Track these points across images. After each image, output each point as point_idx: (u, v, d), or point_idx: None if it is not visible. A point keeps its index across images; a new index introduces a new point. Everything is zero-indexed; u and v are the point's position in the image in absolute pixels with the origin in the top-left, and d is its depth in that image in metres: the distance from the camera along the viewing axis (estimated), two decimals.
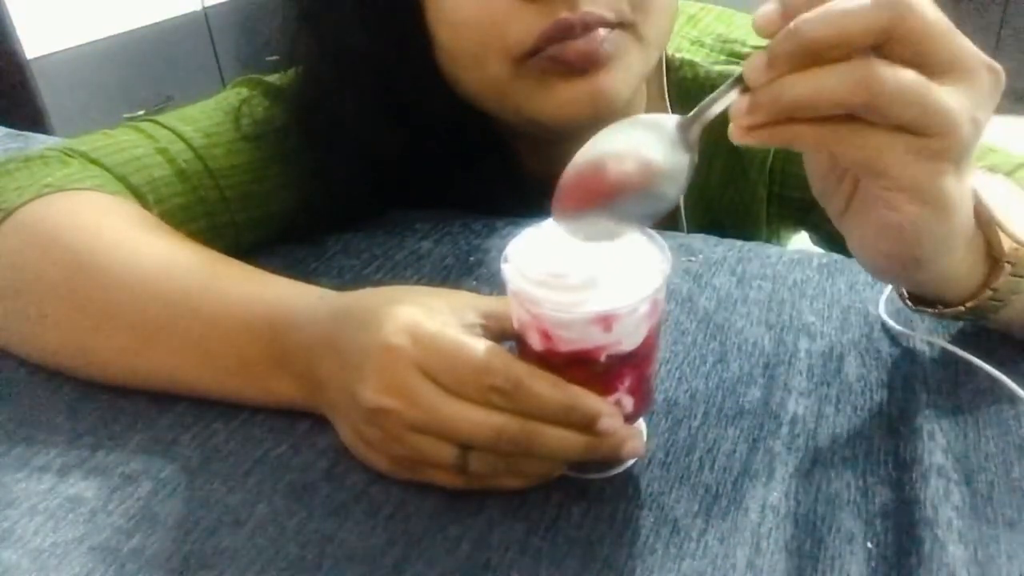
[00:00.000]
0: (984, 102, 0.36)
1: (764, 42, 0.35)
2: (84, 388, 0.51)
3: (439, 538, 0.40)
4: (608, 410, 0.39)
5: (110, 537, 0.41)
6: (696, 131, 0.37)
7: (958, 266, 0.44)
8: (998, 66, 0.36)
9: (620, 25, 0.56)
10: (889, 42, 0.33)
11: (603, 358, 0.39)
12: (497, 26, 0.55)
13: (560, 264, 0.38)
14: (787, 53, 0.34)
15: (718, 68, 0.70)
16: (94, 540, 0.41)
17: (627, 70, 0.58)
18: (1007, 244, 0.43)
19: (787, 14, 0.33)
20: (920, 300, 0.48)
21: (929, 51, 0.34)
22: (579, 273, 0.38)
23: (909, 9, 0.33)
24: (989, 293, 0.45)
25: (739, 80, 0.35)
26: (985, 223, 0.43)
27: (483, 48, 0.57)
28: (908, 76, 0.33)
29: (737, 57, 0.71)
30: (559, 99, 0.57)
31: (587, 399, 0.39)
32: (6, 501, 0.43)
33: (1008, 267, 0.44)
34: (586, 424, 0.39)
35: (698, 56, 0.71)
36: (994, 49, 3.19)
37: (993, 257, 0.44)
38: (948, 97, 0.34)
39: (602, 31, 0.55)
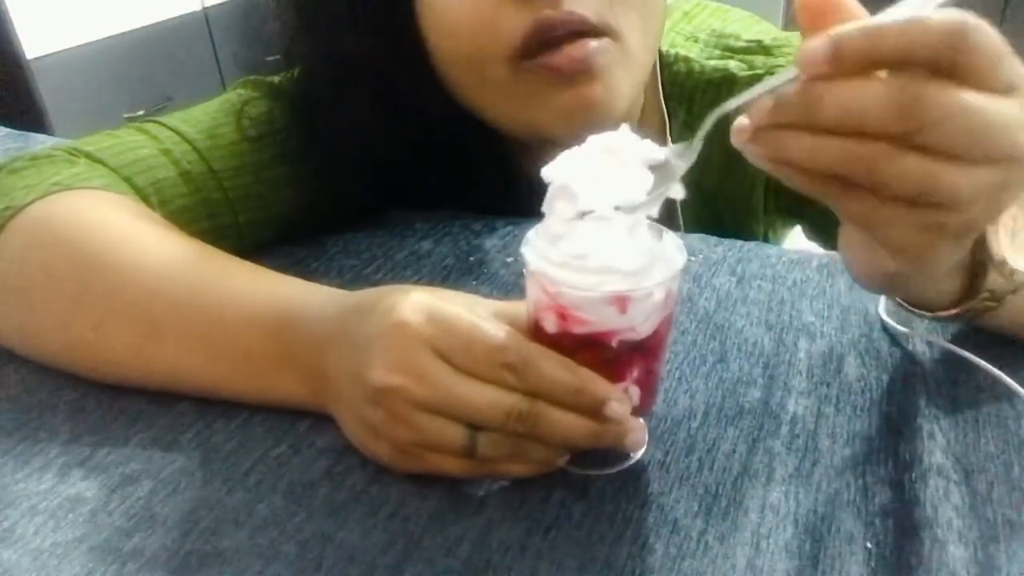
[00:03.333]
0: (1021, 176, 0.33)
1: (759, 36, 0.34)
2: (84, 388, 0.51)
3: (439, 538, 0.40)
4: (617, 395, 0.40)
5: (110, 537, 0.41)
6: (692, 157, 0.38)
7: (931, 285, 0.45)
8: None
9: (606, 34, 0.56)
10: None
11: (614, 343, 0.40)
12: (486, 27, 0.56)
13: (580, 247, 0.39)
14: (791, 119, 0.33)
15: (712, 63, 0.70)
16: (94, 540, 0.41)
17: (619, 82, 0.59)
18: (994, 278, 0.43)
19: (837, 52, 0.31)
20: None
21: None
22: (599, 256, 0.39)
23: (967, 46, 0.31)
24: (960, 311, 0.45)
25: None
26: (982, 251, 0.43)
27: (477, 50, 0.57)
28: (913, 162, 0.32)
29: (732, 51, 0.71)
30: (554, 108, 0.58)
31: (597, 382, 0.40)
32: (6, 501, 0.43)
33: (986, 294, 0.44)
34: (594, 408, 0.39)
35: (692, 52, 0.72)
36: None
37: (973, 281, 0.44)
38: (963, 176, 0.32)
39: (593, 43, 0.56)
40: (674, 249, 0.41)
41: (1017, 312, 0.47)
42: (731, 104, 0.36)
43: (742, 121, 0.34)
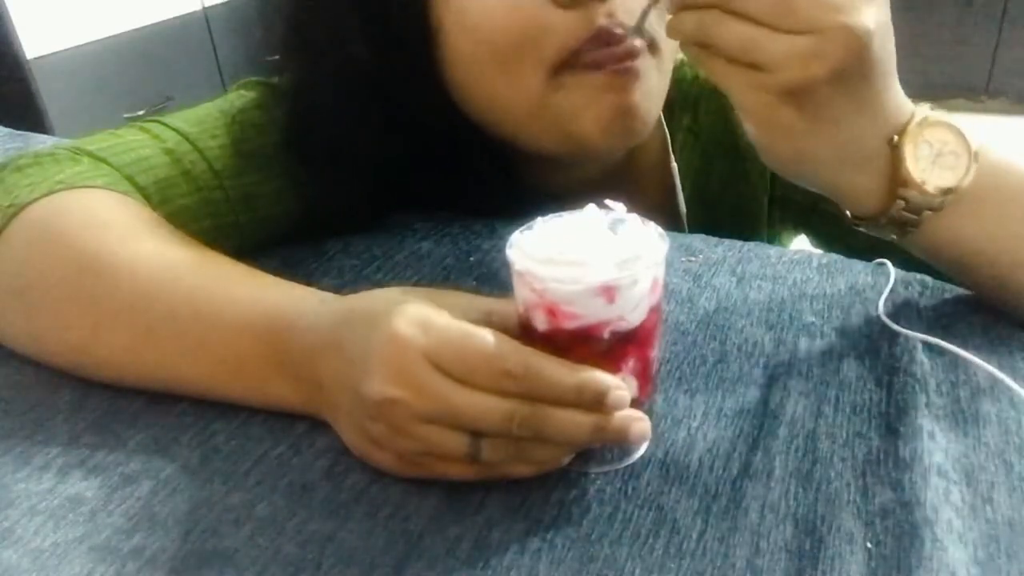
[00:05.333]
0: (835, 51, 0.41)
1: None
2: (84, 388, 0.51)
3: (439, 538, 0.40)
4: (617, 384, 0.40)
5: (110, 537, 0.41)
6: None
7: (853, 185, 0.48)
8: (861, 27, 0.40)
9: (647, 45, 0.57)
10: None
11: (606, 334, 0.40)
12: (532, 32, 0.55)
13: (563, 243, 0.40)
14: None
15: None
16: (94, 540, 0.41)
17: (654, 88, 0.59)
18: (906, 187, 0.47)
19: None
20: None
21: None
22: (582, 250, 0.39)
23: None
24: (885, 219, 0.48)
25: None
26: (897, 159, 0.46)
27: (518, 56, 0.56)
28: (735, 25, 0.41)
29: None
30: (593, 117, 0.58)
31: (597, 376, 0.40)
32: (6, 501, 0.43)
33: (901, 203, 0.47)
34: (596, 401, 0.39)
35: None
36: (994, 49, 3.19)
37: (891, 188, 0.47)
38: (775, 42, 0.40)
39: (636, 41, 0.56)
40: (656, 237, 0.41)
41: (943, 234, 0.49)
42: None
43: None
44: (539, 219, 0.42)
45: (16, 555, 0.40)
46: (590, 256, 0.39)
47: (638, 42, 0.56)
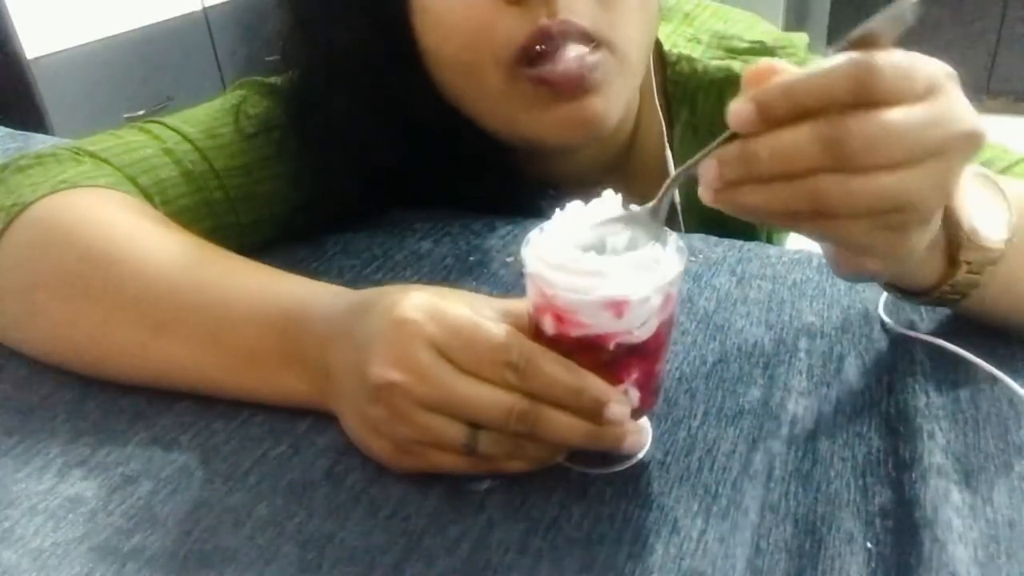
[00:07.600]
0: (954, 128, 0.35)
1: (761, 37, 0.35)
2: (84, 388, 0.51)
3: (439, 538, 0.40)
4: (617, 397, 0.40)
5: (110, 537, 0.41)
6: (663, 212, 0.40)
7: (915, 268, 0.45)
8: (951, 76, 0.36)
9: (599, 45, 0.56)
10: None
11: (612, 346, 0.39)
12: (484, 31, 0.56)
13: (578, 251, 0.39)
14: (739, 177, 0.35)
15: (715, 63, 0.70)
16: (94, 540, 0.41)
17: (615, 95, 0.59)
18: (969, 249, 0.45)
19: (761, 111, 0.34)
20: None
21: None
22: (596, 259, 0.39)
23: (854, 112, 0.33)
24: (947, 287, 0.46)
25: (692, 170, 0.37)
26: (953, 226, 0.44)
27: (475, 54, 0.57)
28: (856, 182, 0.34)
29: (735, 52, 0.71)
30: (551, 121, 0.59)
31: (597, 384, 0.40)
32: (6, 501, 0.43)
33: (965, 266, 0.45)
34: (594, 409, 0.40)
35: (695, 52, 0.72)
36: (994, 49, 3.19)
37: (951, 255, 0.45)
38: (909, 179, 0.34)
39: (589, 57, 0.56)
40: (674, 252, 0.40)
41: (1004, 284, 0.47)
42: (680, 171, 0.38)
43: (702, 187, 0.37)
44: (558, 212, 0.41)
45: (16, 555, 0.40)
46: (603, 267, 0.38)
47: (590, 57, 0.55)
